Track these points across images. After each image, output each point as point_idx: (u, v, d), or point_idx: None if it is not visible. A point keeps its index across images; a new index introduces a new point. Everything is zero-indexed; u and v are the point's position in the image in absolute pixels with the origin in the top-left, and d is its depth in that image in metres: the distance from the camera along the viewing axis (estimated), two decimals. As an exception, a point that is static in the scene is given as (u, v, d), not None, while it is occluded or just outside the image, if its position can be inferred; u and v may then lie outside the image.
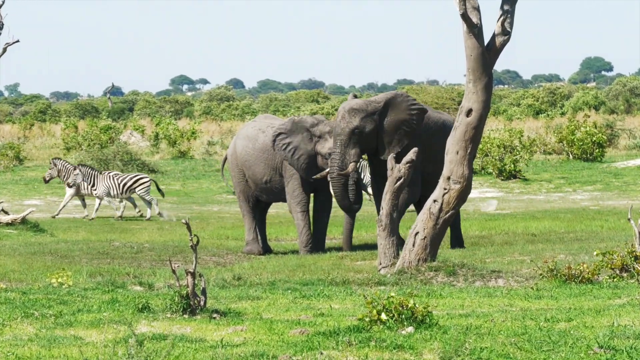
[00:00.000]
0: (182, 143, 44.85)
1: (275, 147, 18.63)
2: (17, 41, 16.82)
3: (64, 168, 26.56)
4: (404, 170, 13.87)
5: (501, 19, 13.37)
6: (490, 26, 13.46)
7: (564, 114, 55.06)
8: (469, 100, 13.46)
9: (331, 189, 18.48)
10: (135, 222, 24.49)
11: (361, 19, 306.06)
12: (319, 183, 18.60)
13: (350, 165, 18.07)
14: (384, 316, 9.04)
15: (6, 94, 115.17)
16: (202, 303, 10.07)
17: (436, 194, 13.53)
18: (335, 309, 10.48)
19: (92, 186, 25.74)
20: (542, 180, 33.36)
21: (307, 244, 18.50)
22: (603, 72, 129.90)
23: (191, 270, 10.00)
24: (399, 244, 14.16)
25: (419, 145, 16.03)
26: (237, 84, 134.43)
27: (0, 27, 16.95)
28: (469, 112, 13.48)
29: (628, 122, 47.53)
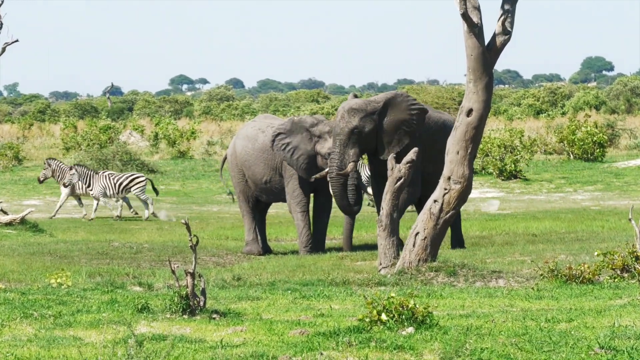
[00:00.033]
0: (182, 143, 44.81)
1: (274, 147, 18.59)
2: (16, 41, 16.80)
3: (58, 168, 26.58)
4: (404, 170, 13.84)
5: (502, 18, 13.35)
6: (491, 26, 13.48)
7: (564, 113, 55.04)
8: (470, 100, 13.44)
9: (330, 189, 18.45)
10: (134, 222, 24.47)
11: (361, 19, 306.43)
12: (319, 183, 18.57)
13: (349, 165, 18.04)
14: (384, 317, 9.03)
15: (5, 93, 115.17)
16: (201, 303, 10.05)
17: (436, 194, 13.51)
18: (335, 310, 10.47)
19: (88, 186, 25.75)
20: (542, 180, 33.34)
21: (307, 244, 18.47)
22: (604, 72, 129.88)
23: (191, 271, 9.99)
24: (399, 245, 14.13)
25: (419, 145, 16.00)
26: (236, 83, 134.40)
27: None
28: (469, 112, 13.46)
29: (629, 121, 47.51)
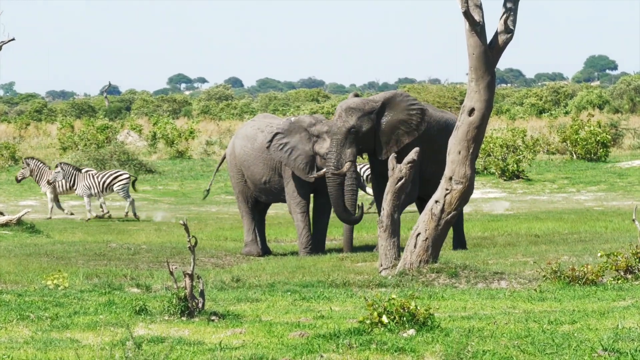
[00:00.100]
0: (180, 143, 44.75)
1: (272, 147, 18.51)
2: (13, 39, 16.77)
3: (37, 168, 26.63)
4: (405, 170, 13.78)
5: (504, 16, 13.30)
6: (493, 24, 13.43)
7: (567, 113, 54.96)
8: (472, 99, 13.39)
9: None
10: (132, 223, 24.44)
11: (362, 17, 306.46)
12: (319, 184, 18.48)
13: (346, 165, 17.96)
14: (385, 318, 9.02)
15: (1, 92, 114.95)
16: (200, 305, 10.05)
17: (438, 195, 13.45)
18: (336, 311, 10.45)
19: (73, 185, 25.79)
20: (545, 180, 33.30)
21: (306, 245, 18.40)
22: (607, 71, 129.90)
23: (189, 272, 9.99)
24: (399, 246, 14.06)
25: (420, 145, 15.90)
26: (235, 82, 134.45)
27: (-4, 26, 16.87)
28: (471, 111, 13.40)
29: (632, 121, 47.47)
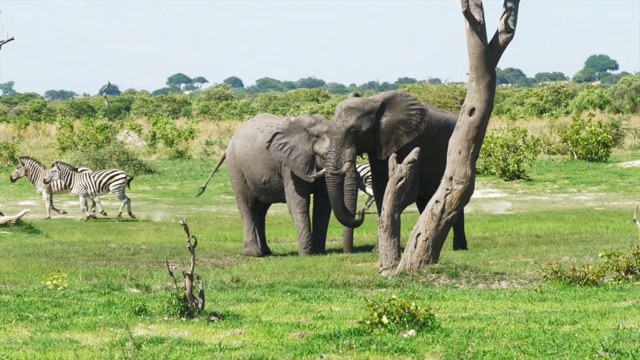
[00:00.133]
0: (180, 143, 44.68)
1: (271, 147, 18.47)
2: (12, 39, 16.75)
3: (32, 167, 26.60)
4: (406, 170, 13.75)
5: (504, 16, 13.28)
6: (494, 24, 13.41)
7: (568, 113, 54.90)
8: (472, 99, 13.36)
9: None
10: (131, 223, 24.39)
11: (362, 16, 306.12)
12: (319, 184, 18.45)
13: (345, 165, 17.92)
14: (385, 319, 9.02)
15: (0, 92, 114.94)
16: (200, 306, 10.04)
17: (438, 195, 13.42)
18: (336, 312, 10.44)
19: (69, 184, 25.78)
20: (546, 180, 33.27)
21: (306, 245, 18.37)
22: (608, 71, 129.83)
23: (189, 272, 9.97)
24: (399, 246, 14.03)
25: (420, 145, 15.86)
26: (235, 82, 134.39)
27: (-5, 25, 16.86)
28: (471, 111, 13.38)
29: (633, 121, 47.46)
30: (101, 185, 25.82)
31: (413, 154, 13.88)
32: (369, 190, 22.11)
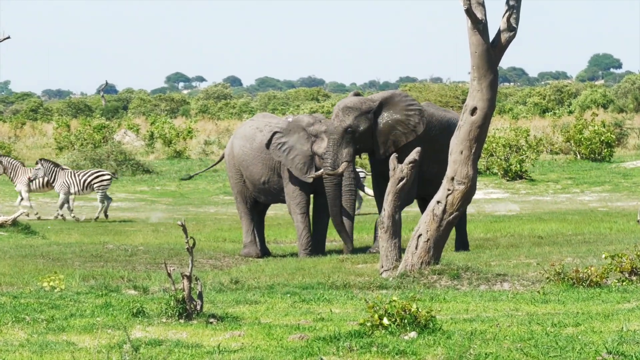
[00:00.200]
0: (178, 142, 44.67)
1: (270, 147, 18.41)
2: (8, 37, 16.71)
3: (10, 165, 26.51)
4: (407, 170, 13.70)
5: (507, 14, 13.24)
6: (496, 22, 13.40)
7: (571, 112, 54.87)
8: (474, 98, 13.31)
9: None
10: (129, 224, 24.34)
11: (362, 15, 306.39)
12: (319, 184, 18.38)
13: (342, 165, 17.85)
14: (386, 321, 9.00)
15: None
16: (198, 307, 10.03)
17: (440, 195, 13.36)
18: (336, 314, 10.43)
19: (53, 181, 25.73)
20: (548, 180, 33.22)
21: (306, 246, 18.31)
22: (612, 70, 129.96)
23: (187, 274, 9.96)
24: (400, 247, 13.96)
25: (421, 145, 15.78)
26: (234, 81, 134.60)
27: (-8, 24, 16.81)
28: (473, 110, 13.32)
29: (637, 120, 47.46)
30: (85, 184, 25.71)
31: (414, 154, 13.82)
32: (368, 190, 22.07)
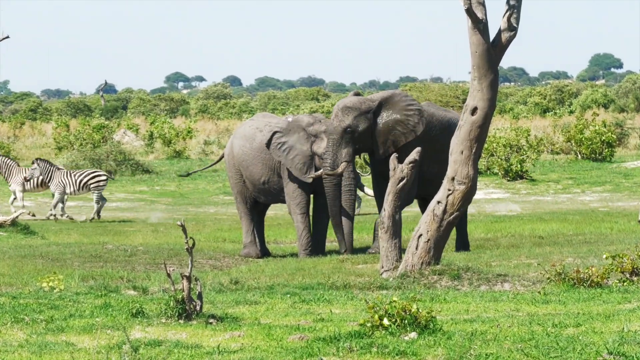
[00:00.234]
0: (178, 142, 44.63)
1: (271, 147, 18.38)
2: (7, 37, 16.68)
3: (4, 164, 26.47)
4: (407, 170, 13.67)
5: (507, 14, 13.21)
6: (496, 22, 13.37)
7: (572, 112, 54.84)
8: (474, 98, 13.29)
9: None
10: (128, 224, 24.32)
11: (363, 14, 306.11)
12: (319, 184, 18.35)
13: (341, 165, 17.82)
14: (386, 321, 8.99)
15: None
16: (198, 308, 10.01)
17: (440, 195, 13.34)
18: (336, 314, 10.41)
19: (49, 181, 25.70)
20: (549, 180, 33.19)
21: (306, 246, 18.28)
22: (612, 69, 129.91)
23: (187, 274, 9.94)
24: (400, 247, 13.93)
25: (422, 145, 15.75)
26: (234, 81, 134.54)
27: (-9, 24, 16.81)
28: (473, 110, 13.29)
29: (638, 120, 47.43)
30: (81, 184, 25.66)
31: (414, 154, 13.79)
32: (367, 190, 22.06)
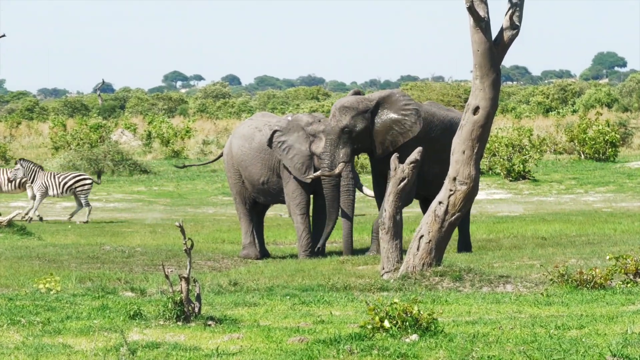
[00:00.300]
0: (176, 142, 44.62)
1: (273, 145, 18.34)
2: (3, 35, 16.65)
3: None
4: (408, 170, 13.62)
5: (509, 12, 13.18)
6: (498, 20, 13.34)
7: (575, 111, 54.81)
8: (476, 97, 13.25)
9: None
10: (126, 225, 24.28)
11: (363, 12, 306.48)
12: (319, 185, 18.29)
13: (339, 166, 17.77)
14: (387, 323, 8.97)
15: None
16: (196, 310, 9.98)
17: (442, 196, 13.29)
18: (336, 316, 10.40)
19: (32, 182, 25.63)
20: (552, 181, 33.14)
21: (306, 247, 18.24)
22: (616, 68, 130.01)
23: (185, 276, 9.92)
24: (401, 248, 13.87)
25: (423, 145, 15.68)
26: (233, 80, 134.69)
27: (-12, 22, 16.80)
28: (475, 109, 13.25)
29: (642, 120, 47.39)
30: (65, 187, 25.54)
31: (415, 154, 13.74)
32: (367, 190, 21.88)
